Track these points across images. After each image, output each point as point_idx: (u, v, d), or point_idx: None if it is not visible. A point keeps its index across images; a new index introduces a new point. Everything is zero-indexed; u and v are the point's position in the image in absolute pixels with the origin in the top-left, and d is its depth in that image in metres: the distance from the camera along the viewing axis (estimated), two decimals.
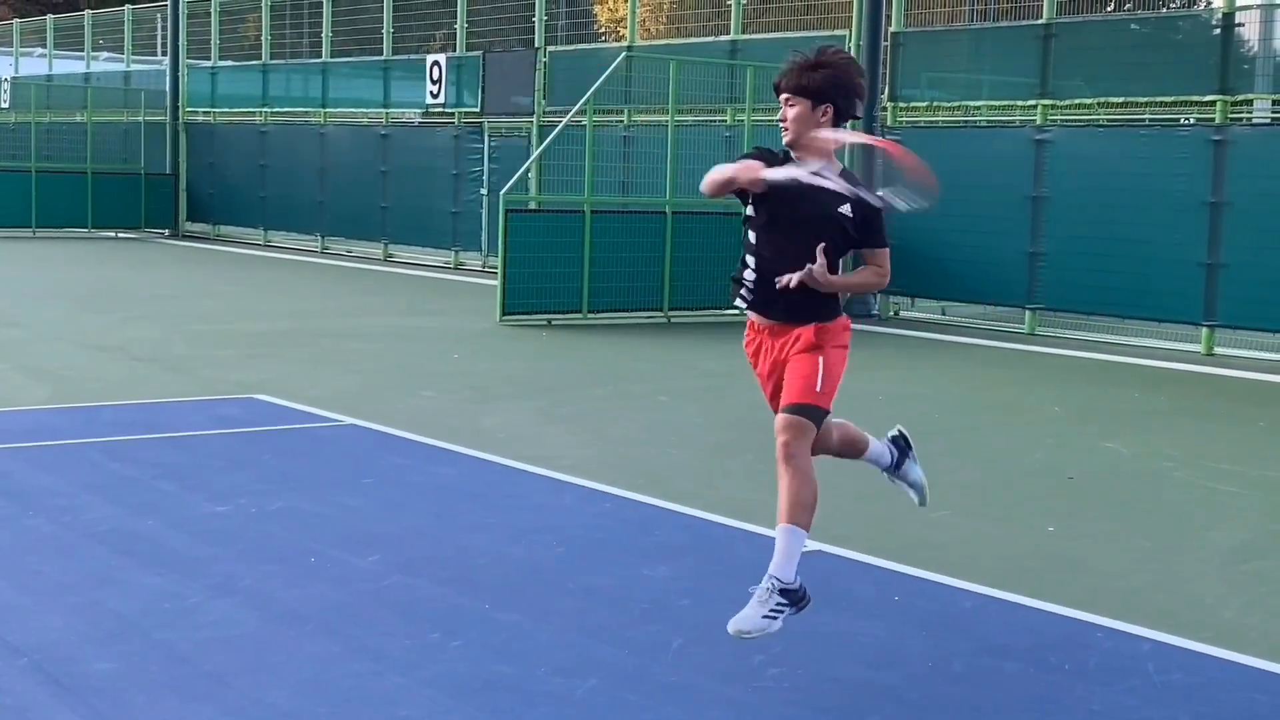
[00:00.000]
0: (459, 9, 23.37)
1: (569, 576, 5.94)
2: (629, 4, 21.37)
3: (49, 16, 37.11)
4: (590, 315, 15.69)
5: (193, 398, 10.10)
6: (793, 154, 4.80)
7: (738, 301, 4.99)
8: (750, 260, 4.91)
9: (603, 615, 5.44)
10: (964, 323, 16.79)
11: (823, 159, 4.78)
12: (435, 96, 23.69)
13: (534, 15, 22.16)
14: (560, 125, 16.54)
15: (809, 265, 4.71)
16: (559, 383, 11.60)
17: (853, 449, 5.44)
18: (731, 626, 4.64)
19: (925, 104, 17.37)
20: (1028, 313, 15.99)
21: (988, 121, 17.19)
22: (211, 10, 28.90)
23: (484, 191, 22.45)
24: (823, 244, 4.75)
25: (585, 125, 16.16)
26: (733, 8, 19.34)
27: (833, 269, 4.77)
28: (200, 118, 29.27)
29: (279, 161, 26.96)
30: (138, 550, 6.10)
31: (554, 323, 15.44)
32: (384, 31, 24.69)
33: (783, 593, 4.67)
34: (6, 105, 31.15)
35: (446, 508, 7.11)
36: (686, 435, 9.38)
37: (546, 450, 8.63)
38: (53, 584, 5.59)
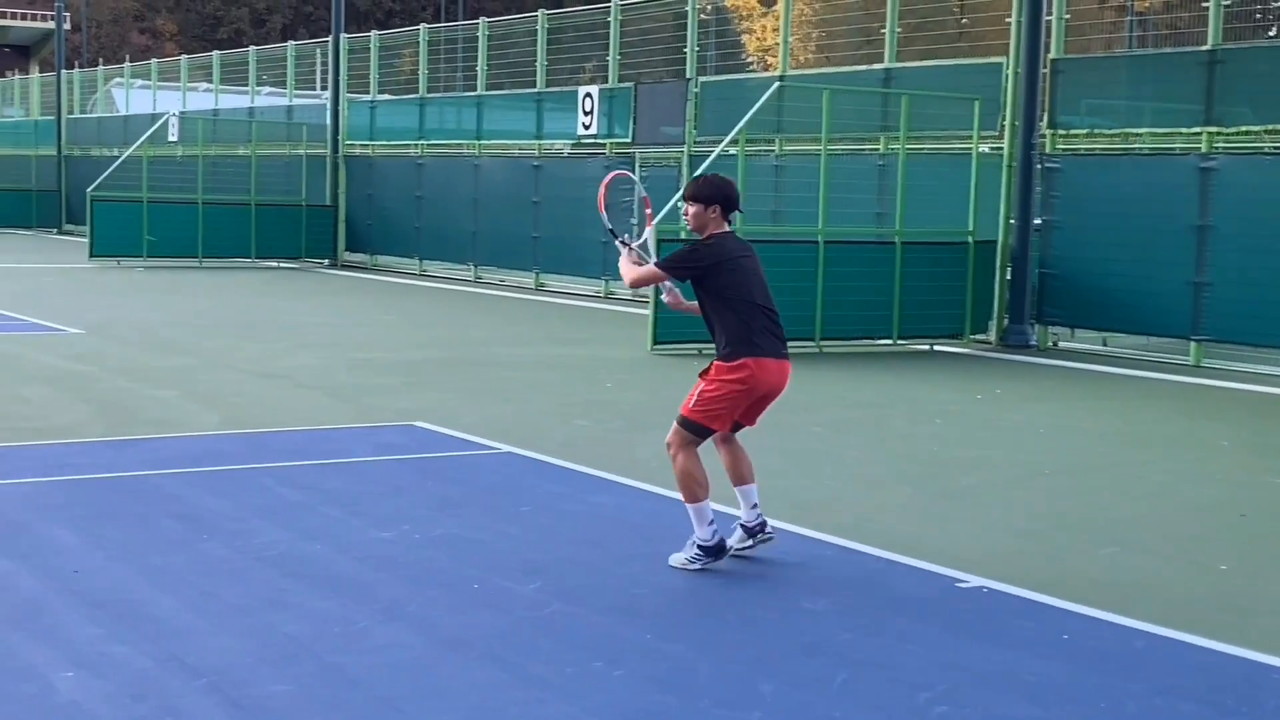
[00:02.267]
0: (611, 41, 23.60)
1: (729, 608, 5.93)
2: (781, 33, 21.38)
3: (215, 53, 38.35)
4: None
5: (355, 425, 10.30)
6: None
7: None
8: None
9: (764, 647, 5.42)
10: (1126, 354, 16.41)
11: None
12: (587, 128, 23.93)
13: (685, 46, 22.29)
14: (712, 155, 16.58)
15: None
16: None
17: (738, 470, 6.83)
18: (670, 560, 6.51)
19: (1085, 131, 17.06)
20: (1193, 344, 15.57)
21: (1150, 149, 16.83)
22: (371, 46, 29.58)
23: (634, 222, 22.56)
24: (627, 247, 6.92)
25: (736, 155, 16.18)
26: (886, 36, 19.24)
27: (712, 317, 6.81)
28: (359, 150, 29.93)
29: (434, 193, 27.44)
30: (307, 574, 6.24)
31: (704, 352, 15.38)
32: (537, 64, 25.03)
33: (699, 547, 6.45)
34: (175, 139, 32.21)
35: (604, 536, 7.15)
36: (843, 467, 9.31)
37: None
38: (227, 606, 5.75)
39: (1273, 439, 11.07)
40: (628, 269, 6.85)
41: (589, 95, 23.80)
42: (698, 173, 16.79)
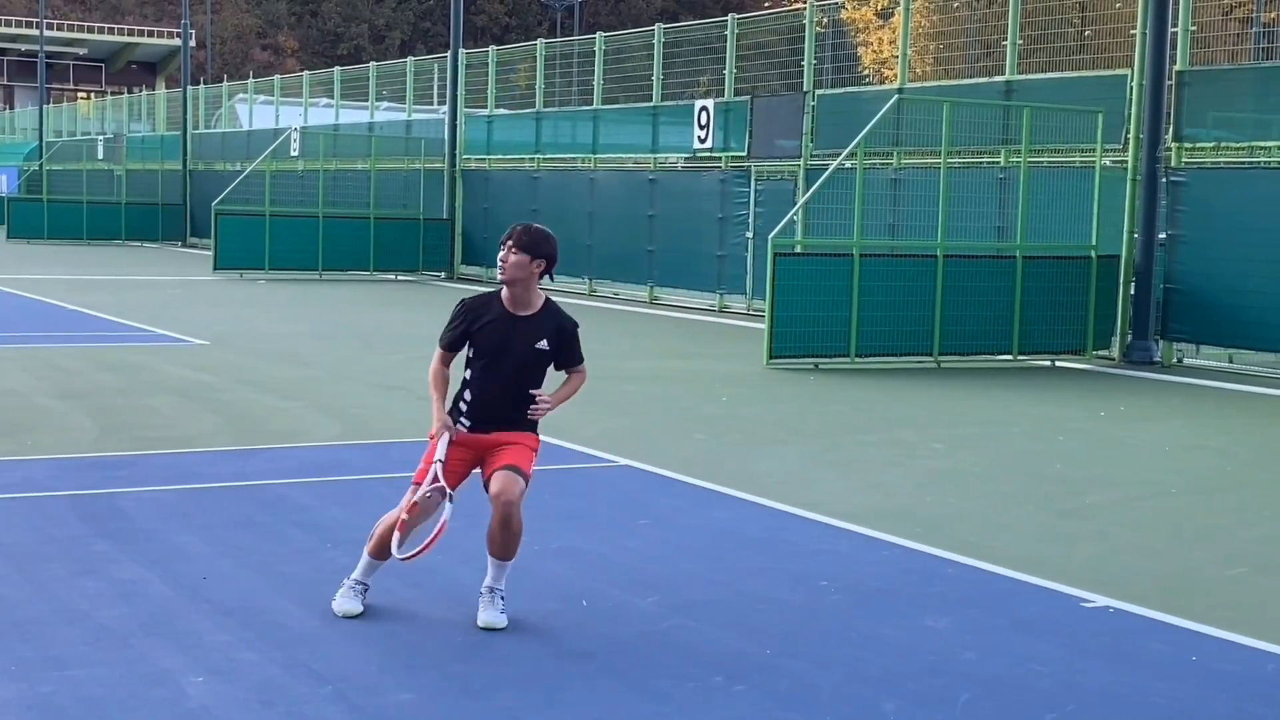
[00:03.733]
0: (727, 54, 23.62)
1: (850, 625, 5.89)
2: (899, 45, 21.24)
3: (335, 69, 39.04)
4: (858, 359, 15.58)
5: None
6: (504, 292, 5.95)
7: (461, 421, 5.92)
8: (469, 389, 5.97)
9: (886, 666, 5.38)
10: (1253, 371, 16.03)
11: (529, 301, 5.95)
12: (703, 141, 23.96)
13: (801, 59, 22.24)
14: (831, 168, 16.53)
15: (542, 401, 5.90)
16: (828, 427, 11.54)
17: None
18: (481, 622, 5.73)
19: (1212, 144, 16.72)
20: None
21: (1278, 162, 16.44)
22: (488, 61, 29.92)
23: (749, 235, 22.57)
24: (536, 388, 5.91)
25: (854, 169, 16.10)
26: (1008, 49, 19.02)
27: (535, 387, 5.92)
28: (475, 164, 30.27)
29: (550, 206, 27.64)
30: (430, 584, 6.31)
31: (821, 366, 15.39)
32: (653, 78, 25.13)
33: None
34: (296, 154, 32.87)
35: (722, 551, 7.14)
36: (963, 484, 9.21)
37: (819, 496, 8.59)
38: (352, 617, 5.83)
39: None
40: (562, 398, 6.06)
41: (704, 109, 23.83)
42: (817, 184, 16.76)
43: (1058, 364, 16.40)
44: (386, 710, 4.76)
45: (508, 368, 5.88)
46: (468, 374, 5.98)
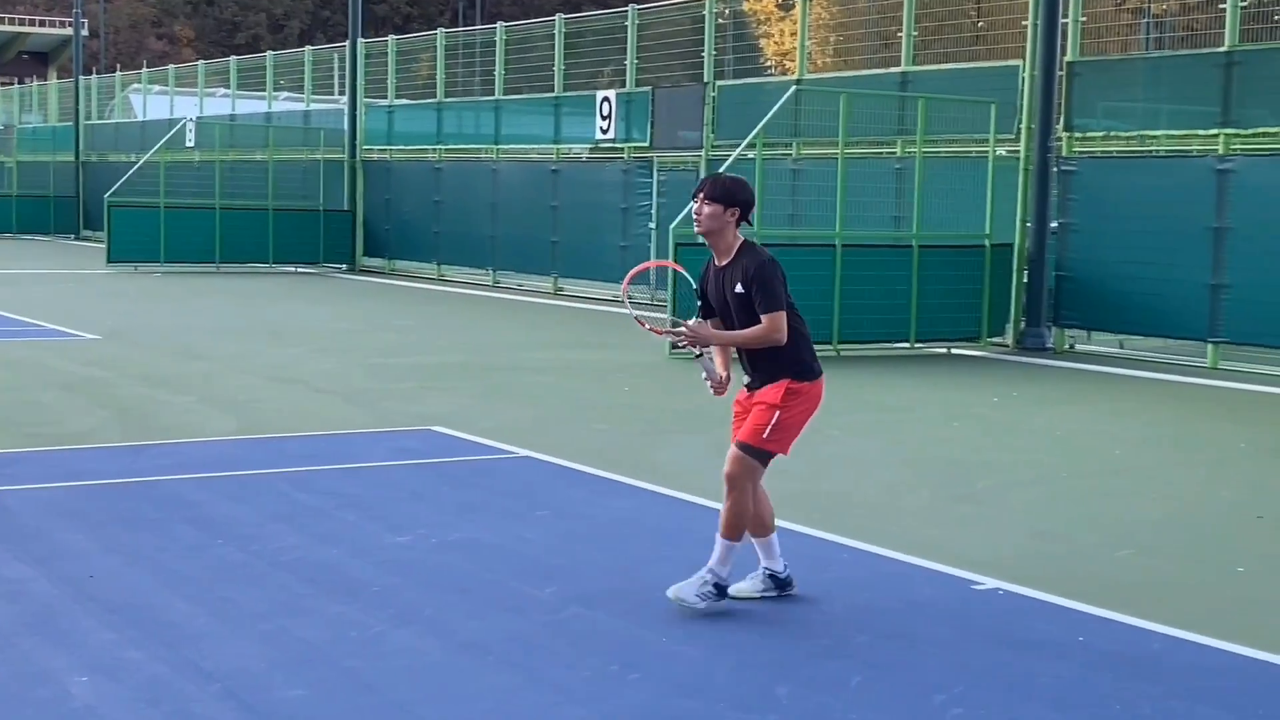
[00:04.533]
0: (629, 45, 23.62)
1: (746, 611, 5.93)
2: (798, 37, 21.38)
3: (232, 58, 38.47)
4: None
5: (372, 430, 10.31)
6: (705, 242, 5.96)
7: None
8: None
9: (781, 651, 5.42)
10: (1143, 357, 16.35)
11: (728, 248, 5.91)
12: (605, 132, 23.95)
13: (703, 50, 22.30)
14: (729, 159, 16.58)
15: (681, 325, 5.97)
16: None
17: (756, 526, 6.09)
18: (670, 592, 5.82)
19: (1101, 134, 17.02)
20: (1210, 347, 15.52)
21: (1166, 151, 16.78)
22: (388, 50, 29.66)
23: (652, 225, 22.60)
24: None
25: (754, 159, 16.18)
26: (903, 40, 19.22)
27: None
28: (376, 155, 30.00)
29: (452, 197, 27.48)
30: (323, 579, 6.25)
31: None
32: (555, 69, 25.06)
33: (715, 585, 5.82)
34: (192, 144, 32.31)
35: (623, 541, 7.16)
36: (859, 470, 9.30)
37: (718, 484, 8.59)
38: (244, 611, 5.76)
39: None
40: (718, 334, 5.95)
41: (606, 99, 23.82)
42: (717, 174, 16.77)
43: (954, 351, 16.61)
44: (277, 707, 4.71)
45: (729, 320, 5.91)
46: None
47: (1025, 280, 17.17)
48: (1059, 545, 7.34)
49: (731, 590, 5.99)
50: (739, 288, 5.81)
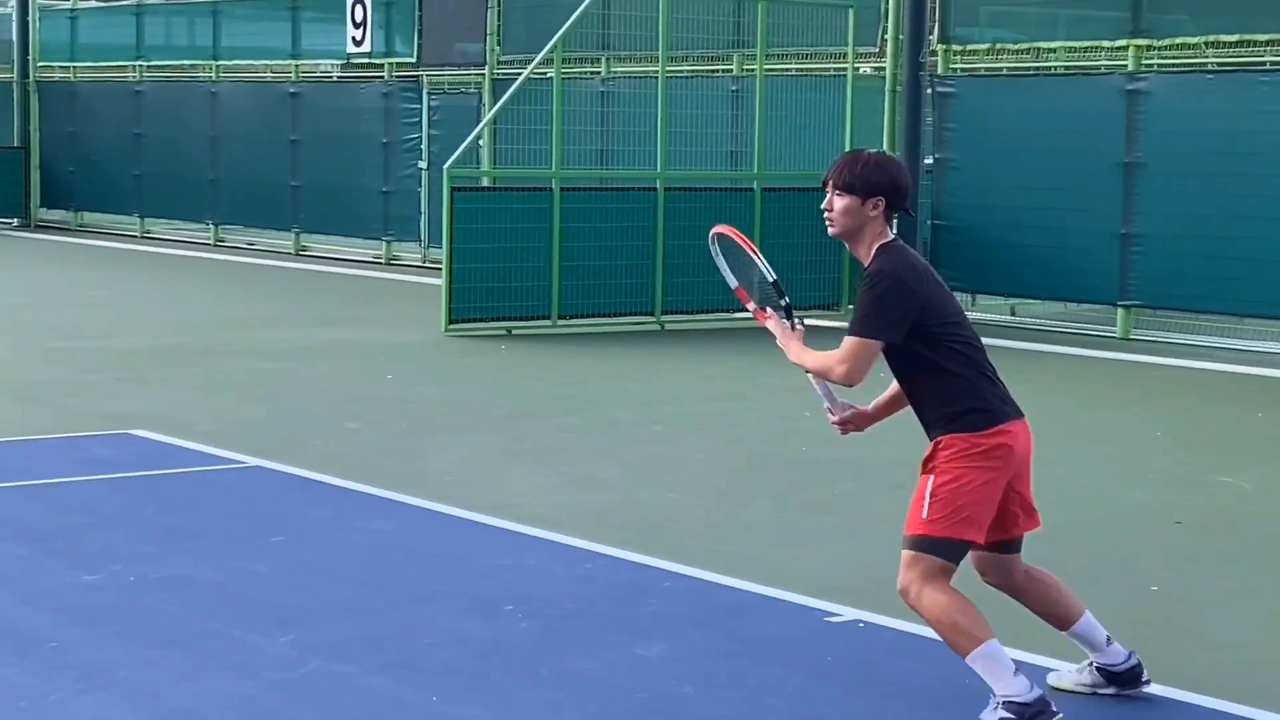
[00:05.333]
0: None
1: (540, 659, 5.94)
2: None
3: None
4: (562, 322, 15.69)
5: (52, 435, 10.10)
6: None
7: None
8: None
9: (586, 709, 5.45)
10: (1040, 325, 16.80)
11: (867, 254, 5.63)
12: (359, 44, 23.71)
13: None
14: (520, 79, 16.57)
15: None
16: (522, 410, 11.60)
17: (1055, 612, 5.69)
18: None
19: (985, 46, 17.40)
20: (1120, 312, 16.00)
21: (1065, 68, 17.23)
22: None
23: (423, 165, 22.46)
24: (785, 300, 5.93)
25: (552, 79, 16.18)
26: None
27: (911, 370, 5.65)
28: (57, 75, 29.27)
29: (159, 130, 26.92)
30: None
31: (515, 332, 15.44)
32: None
33: (1007, 706, 5.21)
34: None
35: (381, 573, 7.12)
36: (688, 475, 9.38)
37: (507, 497, 8.63)
38: None
39: (1214, 427, 11.46)
40: (797, 348, 5.83)
41: (360, 2, 23.58)
42: (502, 101, 16.72)
43: (807, 323, 16.78)
44: None
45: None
46: None
47: (894, 232, 17.45)
48: None
49: (1051, 680, 5.72)
50: None
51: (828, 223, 5.60)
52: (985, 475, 5.37)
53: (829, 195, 5.54)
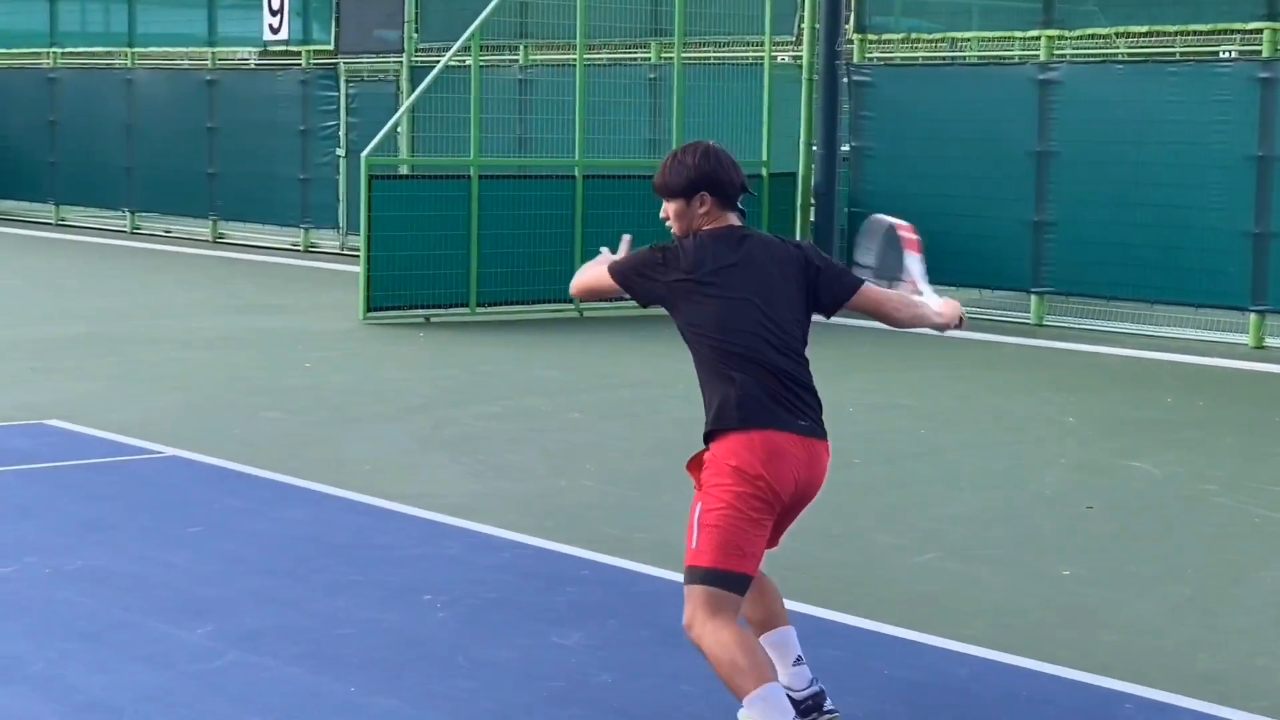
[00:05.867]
0: None
1: (458, 648, 5.93)
2: None
3: None
4: (480, 310, 15.65)
5: None
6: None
7: None
8: None
9: (502, 698, 5.44)
10: None
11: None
12: (276, 31, 23.54)
13: None
14: (438, 67, 16.50)
15: None
16: (440, 398, 11.57)
17: (762, 612, 5.34)
18: None
19: (901, 36, 17.50)
20: (1033, 298, 16.14)
21: (979, 58, 17.35)
22: None
23: (340, 153, 22.35)
24: None
25: (470, 66, 16.13)
26: None
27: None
28: None
29: (73, 117, 26.62)
30: None
31: (434, 319, 15.40)
32: None
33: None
34: None
35: (298, 563, 7.09)
36: (606, 462, 9.39)
37: (424, 486, 8.61)
38: None
39: (1126, 412, 11.57)
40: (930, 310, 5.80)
41: None
42: (420, 88, 16.66)
43: None
44: None
45: None
46: None
47: (812, 219, 17.56)
48: (847, 550, 7.54)
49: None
50: None
51: (669, 229, 5.44)
52: (732, 485, 5.10)
53: (664, 204, 5.40)
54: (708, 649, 4.89)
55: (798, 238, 17.60)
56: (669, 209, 5.32)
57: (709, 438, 5.10)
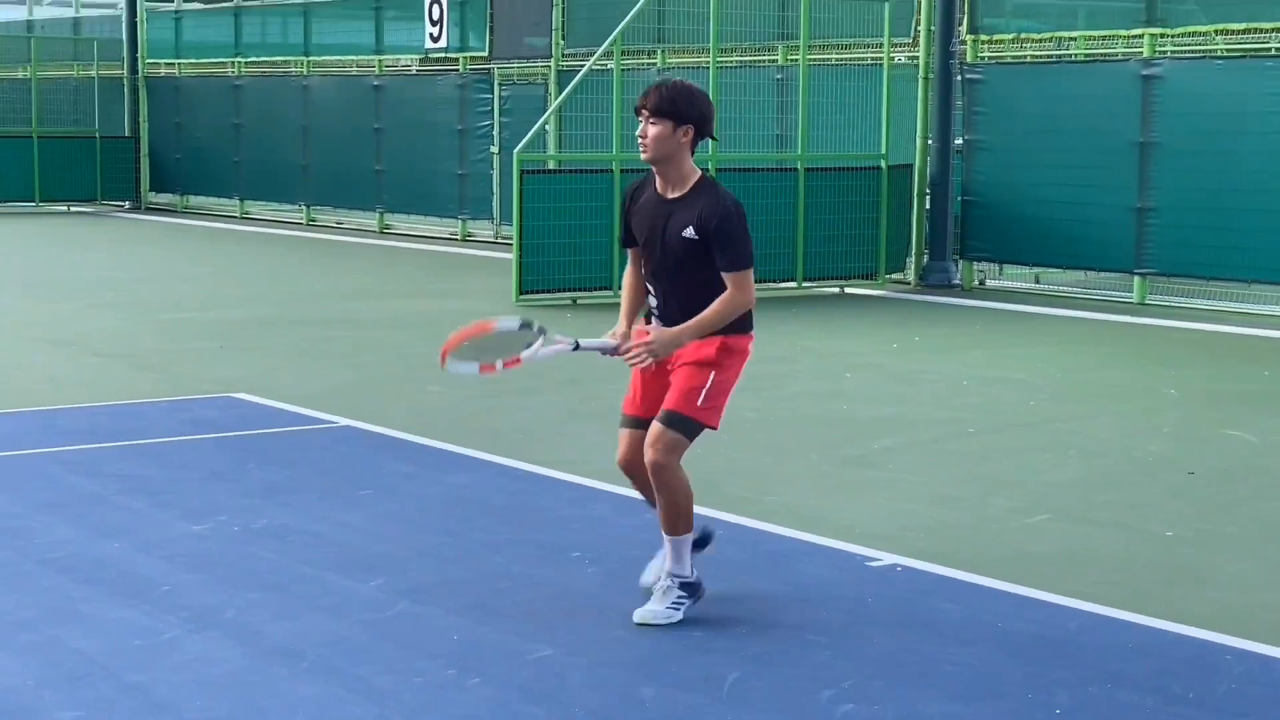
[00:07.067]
0: None
1: (606, 602, 5.95)
2: None
3: None
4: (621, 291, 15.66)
5: (164, 398, 10.16)
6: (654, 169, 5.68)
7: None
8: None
9: (646, 646, 5.46)
10: (1062, 292, 16.71)
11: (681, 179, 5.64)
12: (436, 40, 23.71)
13: None
14: (583, 71, 16.54)
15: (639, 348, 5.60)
16: (587, 373, 11.59)
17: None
18: (636, 618, 5.62)
19: (1011, 36, 17.28)
20: (1136, 279, 15.90)
21: (1085, 55, 17.08)
22: None
23: (495, 150, 22.48)
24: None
25: (612, 69, 16.15)
26: None
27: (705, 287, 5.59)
28: (163, 71, 29.38)
29: (256, 120, 27.02)
30: (103, 579, 6.15)
31: (580, 301, 15.45)
32: None
33: (683, 586, 5.67)
34: None
35: (460, 523, 7.14)
36: (738, 432, 9.35)
37: (573, 453, 8.64)
38: (5, 620, 5.64)
39: (1225, 385, 11.36)
40: (669, 334, 5.61)
41: (437, 1, 23.58)
42: (566, 91, 16.74)
43: (847, 290, 16.80)
44: None
45: (667, 263, 5.61)
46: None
47: (927, 208, 17.41)
48: (965, 513, 7.48)
49: (644, 580, 5.88)
50: (690, 231, 5.51)
51: (641, 149, 5.57)
52: (738, 375, 5.72)
53: (643, 123, 5.51)
54: (676, 489, 5.57)
55: (914, 227, 17.47)
56: (653, 130, 5.44)
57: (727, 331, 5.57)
